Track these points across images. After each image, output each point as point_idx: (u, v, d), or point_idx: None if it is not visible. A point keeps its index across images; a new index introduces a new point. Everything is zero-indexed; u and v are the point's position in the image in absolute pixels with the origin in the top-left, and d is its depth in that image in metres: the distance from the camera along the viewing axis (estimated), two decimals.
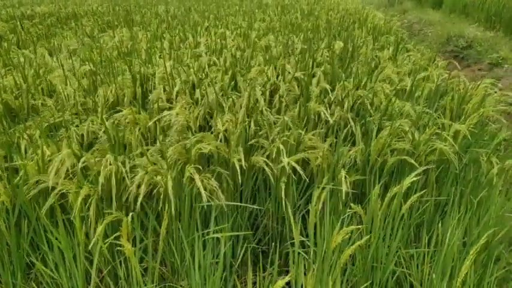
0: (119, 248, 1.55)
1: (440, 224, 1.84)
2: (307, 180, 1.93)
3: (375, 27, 5.31)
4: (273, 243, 1.96)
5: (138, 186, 1.58)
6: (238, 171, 1.70)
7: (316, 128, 2.25)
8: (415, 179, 1.76)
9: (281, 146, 1.77)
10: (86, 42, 4.42)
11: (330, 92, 2.51)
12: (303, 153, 1.85)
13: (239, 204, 1.83)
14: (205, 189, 1.58)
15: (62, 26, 6.14)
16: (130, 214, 1.50)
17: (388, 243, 1.73)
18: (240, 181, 1.78)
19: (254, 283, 1.68)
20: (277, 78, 2.88)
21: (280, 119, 2.10)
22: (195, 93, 2.37)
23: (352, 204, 1.75)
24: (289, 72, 2.87)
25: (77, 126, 2.05)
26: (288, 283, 1.46)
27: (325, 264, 1.53)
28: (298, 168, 1.73)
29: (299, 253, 1.56)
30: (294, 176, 1.89)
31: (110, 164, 1.60)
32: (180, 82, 2.44)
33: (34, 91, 2.50)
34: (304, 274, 1.53)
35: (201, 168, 1.73)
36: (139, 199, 1.56)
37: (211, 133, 1.95)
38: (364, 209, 1.75)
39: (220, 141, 1.89)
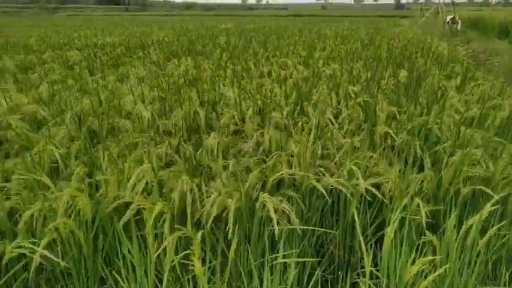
0: (186, 262, 1.57)
1: None
2: (384, 200, 1.86)
3: (439, 56, 5.20)
4: (339, 272, 1.91)
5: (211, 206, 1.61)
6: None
7: (383, 155, 2.21)
8: (493, 208, 1.66)
9: (354, 168, 1.73)
10: (152, 70, 4.64)
11: (395, 117, 2.47)
12: (377, 177, 1.81)
13: (308, 228, 1.80)
14: (275, 211, 1.58)
15: (131, 54, 6.50)
16: (201, 232, 1.52)
17: (464, 277, 1.63)
18: (308, 205, 1.77)
19: None
20: (338, 104, 2.89)
21: (347, 143, 2.08)
22: (264, 117, 2.42)
23: (427, 235, 1.67)
24: (352, 97, 2.87)
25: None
26: None
27: None
28: (374, 190, 1.69)
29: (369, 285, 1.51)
30: (366, 200, 1.85)
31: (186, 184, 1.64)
32: (251, 107, 2.52)
33: (111, 115, 2.65)
34: None
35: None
36: (210, 219, 1.58)
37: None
38: (438, 240, 1.67)
39: (291, 164, 1.90)
